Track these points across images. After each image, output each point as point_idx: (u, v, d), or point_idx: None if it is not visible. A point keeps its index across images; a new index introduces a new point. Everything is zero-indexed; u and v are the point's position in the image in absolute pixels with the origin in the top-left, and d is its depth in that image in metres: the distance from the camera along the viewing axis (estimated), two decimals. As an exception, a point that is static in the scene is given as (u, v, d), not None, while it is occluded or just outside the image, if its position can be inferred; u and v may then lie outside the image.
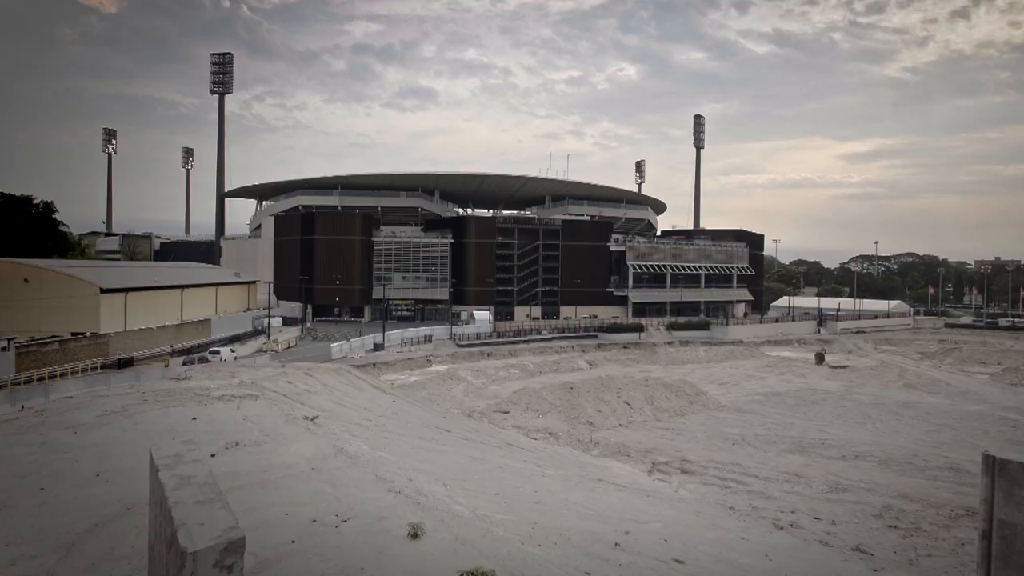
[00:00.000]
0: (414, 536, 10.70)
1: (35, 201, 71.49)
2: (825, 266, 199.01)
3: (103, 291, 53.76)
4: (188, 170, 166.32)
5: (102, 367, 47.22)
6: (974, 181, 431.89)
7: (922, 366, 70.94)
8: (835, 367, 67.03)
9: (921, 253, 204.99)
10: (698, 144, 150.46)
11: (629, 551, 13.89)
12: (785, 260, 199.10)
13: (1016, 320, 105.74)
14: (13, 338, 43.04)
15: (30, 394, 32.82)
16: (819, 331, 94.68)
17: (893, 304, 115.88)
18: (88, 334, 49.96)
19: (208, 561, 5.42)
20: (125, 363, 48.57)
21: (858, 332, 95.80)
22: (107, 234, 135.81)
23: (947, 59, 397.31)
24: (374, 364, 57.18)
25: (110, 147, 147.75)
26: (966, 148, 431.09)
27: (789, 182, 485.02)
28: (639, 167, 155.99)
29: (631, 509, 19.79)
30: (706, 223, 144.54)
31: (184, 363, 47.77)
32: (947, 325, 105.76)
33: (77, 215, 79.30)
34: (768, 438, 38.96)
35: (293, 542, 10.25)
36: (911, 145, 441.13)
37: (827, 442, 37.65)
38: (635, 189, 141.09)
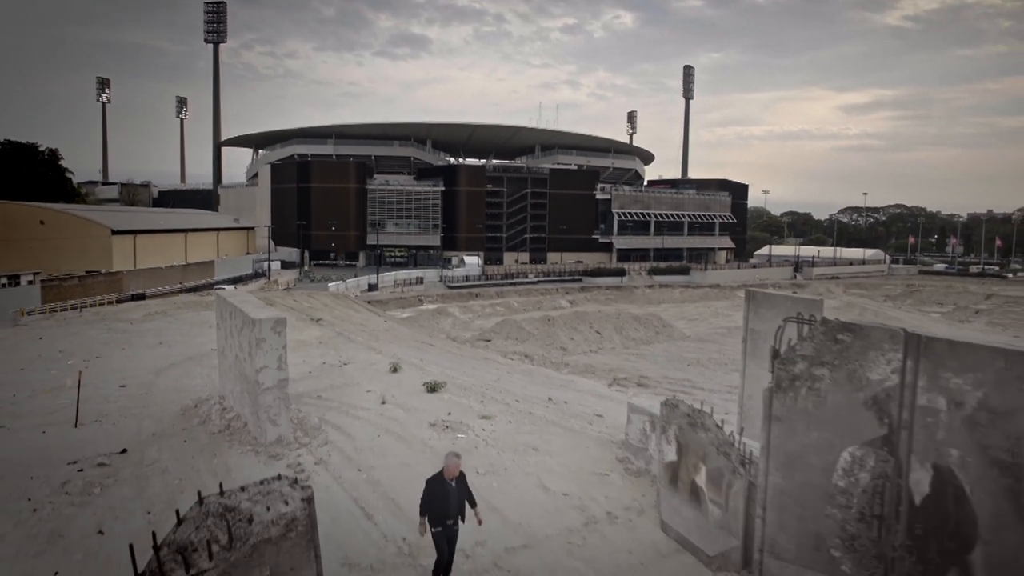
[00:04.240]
0: (394, 371, 15.22)
1: (40, 148, 74.32)
2: (816, 217, 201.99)
3: (114, 232, 57.53)
4: (182, 119, 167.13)
5: (118, 301, 51.38)
6: (973, 134, 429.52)
7: (883, 306, 75.72)
8: (800, 307, 71.54)
9: (909, 205, 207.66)
10: (688, 95, 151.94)
11: (558, 404, 18.60)
12: (778, 211, 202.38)
13: (986, 267, 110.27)
14: (38, 273, 47.03)
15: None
16: (795, 277, 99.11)
17: (870, 252, 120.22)
18: (103, 272, 53.92)
19: (267, 326, 9.78)
20: (138, 298, 52.71)
21: (832, 278, 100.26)
22: (104, 183, 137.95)
23: (949, 7, 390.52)
24: (368, 302, 61.42)
25: (103, 96, 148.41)
26: (966, 100, 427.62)
27: (786, 134, 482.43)
28: (631, 118, 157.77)
29: (581, 400, 24.46)
30: (702, 174, 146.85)
31: (194, 298, 51.95)
32: (921, 272, 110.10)
33: (71, 164, 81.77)
34: (721, 361, 43.64)
35: (310, 372, 14.72)
36: (910, 96, 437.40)
37: (771, 363, 42.33)
38: (626, 140, 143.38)
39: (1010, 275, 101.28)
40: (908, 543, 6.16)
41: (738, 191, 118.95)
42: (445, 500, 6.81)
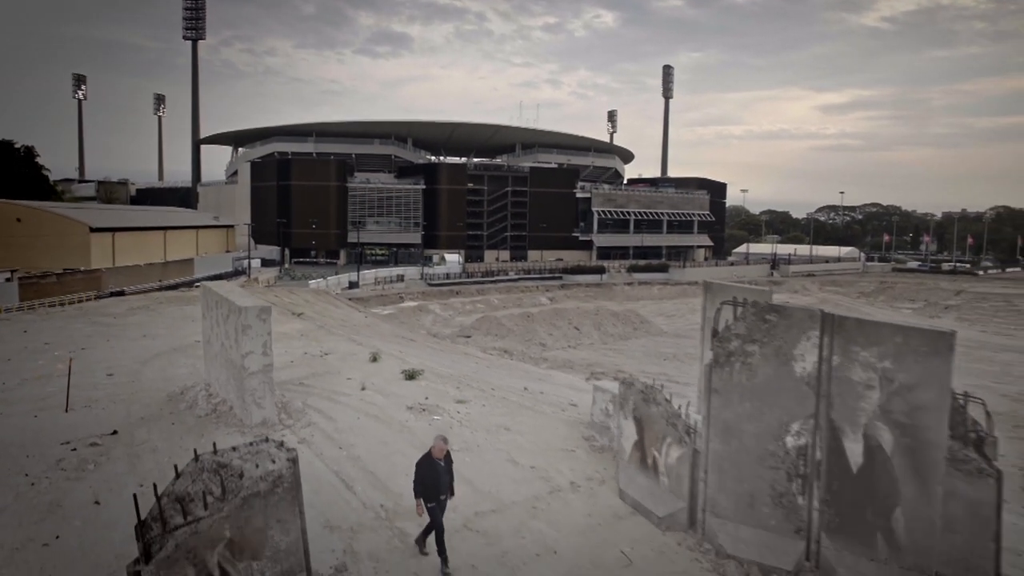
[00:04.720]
0: (373, 360, 15.81)
1: (16, 146, 73.48)
2: (794, 216, 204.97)
3: (92, 230, 57.25)
4: (160, 117, 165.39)
5: (96, 298, 51.20)
6: (948, 134, 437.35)
7: (857, 302, 77.56)
8: (775, 303, 73.04)
9: (885, 203, 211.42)
10: (667, 95, 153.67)
11: (533, 394, 19.31)
12: (756, 210, 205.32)
13: (958, 265, 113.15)
14: (16, 270, 46.79)
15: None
16: (772, 274, 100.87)
17: (846, 250, 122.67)
18: (82, 269, 53.67)
19: (253, 313, 10.37)
20: (117, 295, 52.56)
21: (808, 275, 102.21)
22: (81, 180, 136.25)
23: (925, 8, 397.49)
24: (349, 300, 61.69)
25: (80, 92, 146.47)
26: (941, 100, 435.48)
27: (765, 133, 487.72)
28: (611, 117, 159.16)
29: (557, 392, 25.18)
30: (682, 173, 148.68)
31: (174, 295, 51.88)
32: (894, 269, 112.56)
33: (47, 162, 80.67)
34: (697, 356, 44.64)
35: (292, 362, 15.28)
36: (887, 97, 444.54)
37: (744, 357, 43.45)
38: (607, 139, 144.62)
39: (980, 272, 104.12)
40: (827, 498, 6.97)
41: (717, 190, 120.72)
42: (436, 479, 7.43)
